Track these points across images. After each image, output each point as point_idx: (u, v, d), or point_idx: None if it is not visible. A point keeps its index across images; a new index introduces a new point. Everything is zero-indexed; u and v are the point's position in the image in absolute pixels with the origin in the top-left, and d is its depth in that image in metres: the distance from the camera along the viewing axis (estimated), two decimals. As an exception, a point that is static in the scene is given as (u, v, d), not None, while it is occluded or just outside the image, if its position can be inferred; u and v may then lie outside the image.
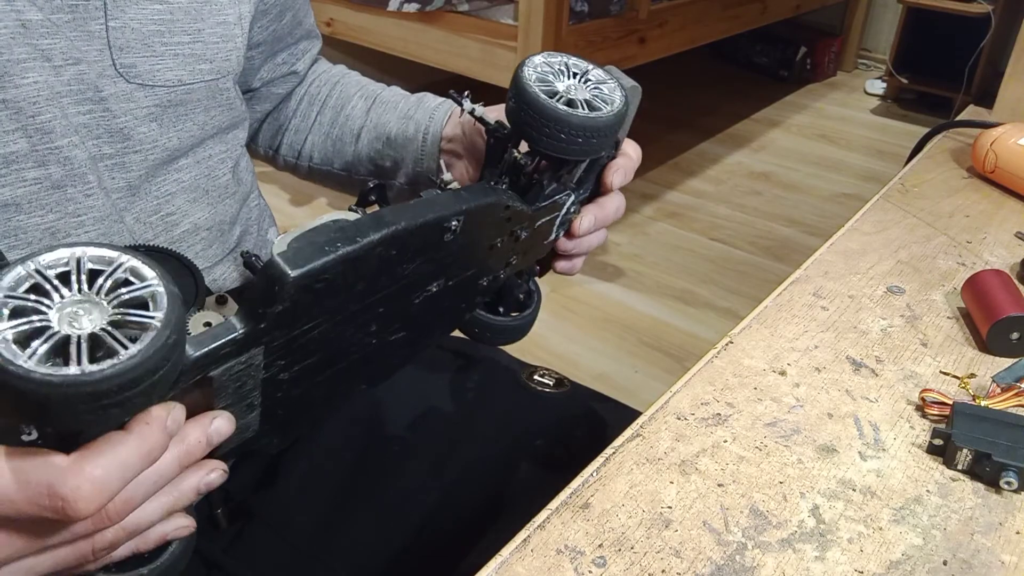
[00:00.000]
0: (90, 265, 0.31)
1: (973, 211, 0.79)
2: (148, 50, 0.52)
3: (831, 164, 2.93)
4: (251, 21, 0.62)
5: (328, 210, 0.50)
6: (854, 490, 0.46)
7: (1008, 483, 0.46)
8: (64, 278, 0.31)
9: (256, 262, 0.38)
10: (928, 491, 0.46)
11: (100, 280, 0.31)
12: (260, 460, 0.66)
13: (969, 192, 0.83)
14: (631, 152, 0.58)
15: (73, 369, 0.29)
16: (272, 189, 2.33)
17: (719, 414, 0.51)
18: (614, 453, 0.48)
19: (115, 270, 0.32)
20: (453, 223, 0.43)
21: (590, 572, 0.40)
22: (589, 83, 0.50)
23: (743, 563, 0.41)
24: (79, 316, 0.31)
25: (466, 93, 0.54)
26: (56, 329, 0.30)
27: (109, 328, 0.30)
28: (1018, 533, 0.44)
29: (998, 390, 0.52)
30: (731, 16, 2.66)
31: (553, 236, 0.55)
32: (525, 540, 0.42)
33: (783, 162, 2.93)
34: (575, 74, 0.51)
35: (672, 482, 0.46)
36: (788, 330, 0.59)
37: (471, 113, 0.54)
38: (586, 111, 0.48)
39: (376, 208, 0.43)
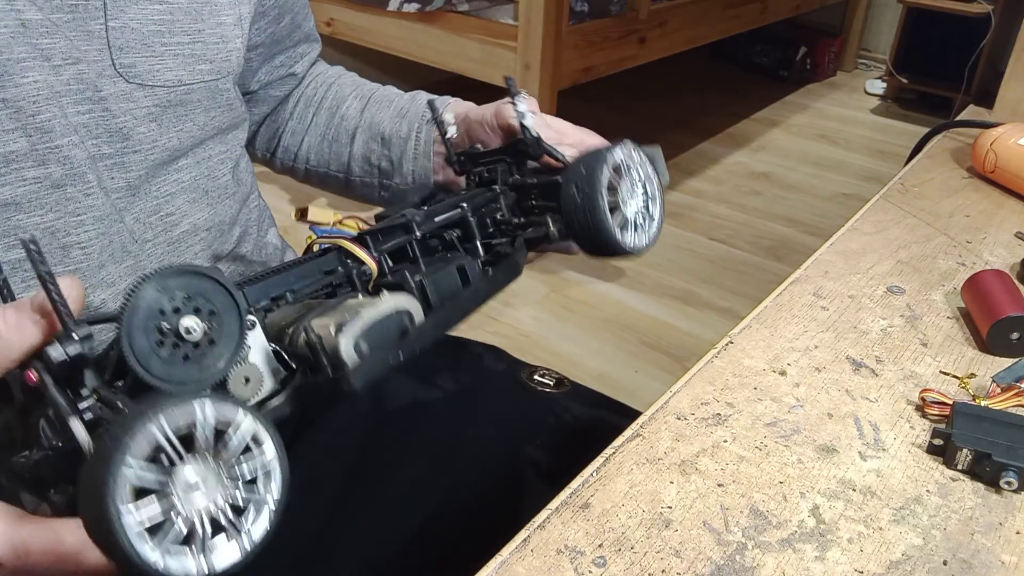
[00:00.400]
0: (213, 424, 0.30)
1: (973, 211, 0.79)
2: (148, 50, 0.52)
3: (831, 164, 2.93)
4: (250, 23, 0.62)
5: (329, 210, 0.50)
6: (854, 490, 0.46)
7: (1008, 483, 0.46)
8: (185, 439, 0.30)
9: (321, 354, 0.37)
10: (928, 491, 0.46)
11: (220, 446, 0.30)
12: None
13: (969, 192, 0.83)
14: None
15: (198, 566, 0.29)
16: (272, 189, 2.32)
17: (719, 414, 0.51)
18: (614, 453, 0.48)
19: (236, 432, 0.31)
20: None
21: (590, 572, 0.40)
22: (641, 184, 0.50)
23: (743, 563, 0.41)
24: (195, 491, 0.30)
25: (522, 92, 0.53)
26: (182, 519, 0.29)
27: (228, 513, 0.30)
28: (1018, 533, 0.44)
29: (998, 390, 0.52)
30: (731, 16, 2.66)
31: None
32: (525, 540, 0.42)
33: (783, 162, 2.93)
34: (628, 167, 0.49)
35: (672, 482, 0.46)
36: (788, 330, 0.59)
37: (521, 118, 0.53)
38: (626, 235, 0.48)
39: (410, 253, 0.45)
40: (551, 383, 0.73)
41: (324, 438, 0.67)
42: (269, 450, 0.31)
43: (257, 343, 0.37)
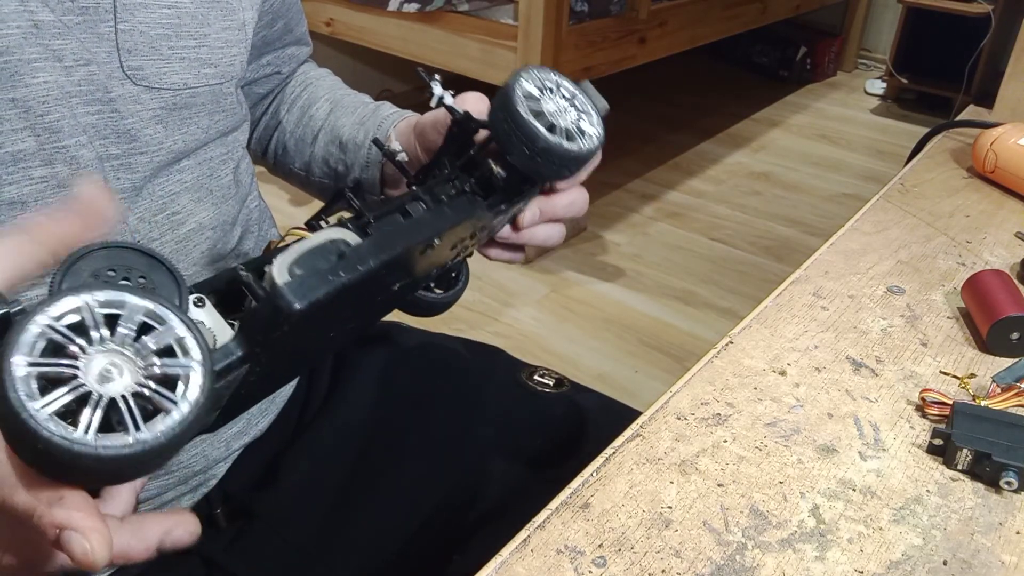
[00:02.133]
0: (101, 311, 0.30)
1: (973, 211, 0.79)
2: (155, 53, 0.53)
3: (831, 164, 2.93)
4: (253, 27, 0.62)
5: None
6: (854, 490, 0.46)
7: (1008, 483, 0.46)
8: (79, 329, 0.29)
9: (253, 283, 0.36)
10: (928, 491, 0.46)
11: (120, 328, 0.30)
12: (260, 460, 0.66)
13: (969, 192, 0.83)
14: None
15: (137, 436, 0.28)
16: (272, 189, 2.33)
17: (719, 414, 0.51)
18: (614, 453, 0.48)
19: (131, 314, 0.30)
20: (436, 240, 0.43)
21: (590, 572, 0.40)
22: (568, 102, 0.50)
23: (743, 563, 0.41)
24: (111, 372, 0.29)
25: (435, 76, 0.53)
26: (99, 394, 0.28)
27: (150, 383, 0.29)
28: (1018, 533, 0.44)
29: (998, 390, 0.52)
30: (731, 16, 2.66)
31: (500, 229, 0.56)
32: (525, 540, 0.42)
33: (783, 162, 2.93)
34: (550, 88, 0.50)
35: (672, 482, 0.46)
36: (788, 330, 0.59)
37: (440, 100, 0.53)
38: (570, 143, 0.48)
39: (351, 208, 0.43)
40: (551, 383, 0.73)
41: (324, 438, 0.67)
42: (171, 320, 0.30)
43: (212, 317, 0.36)
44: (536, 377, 0.73)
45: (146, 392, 0.29)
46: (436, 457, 0.67)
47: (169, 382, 0.30)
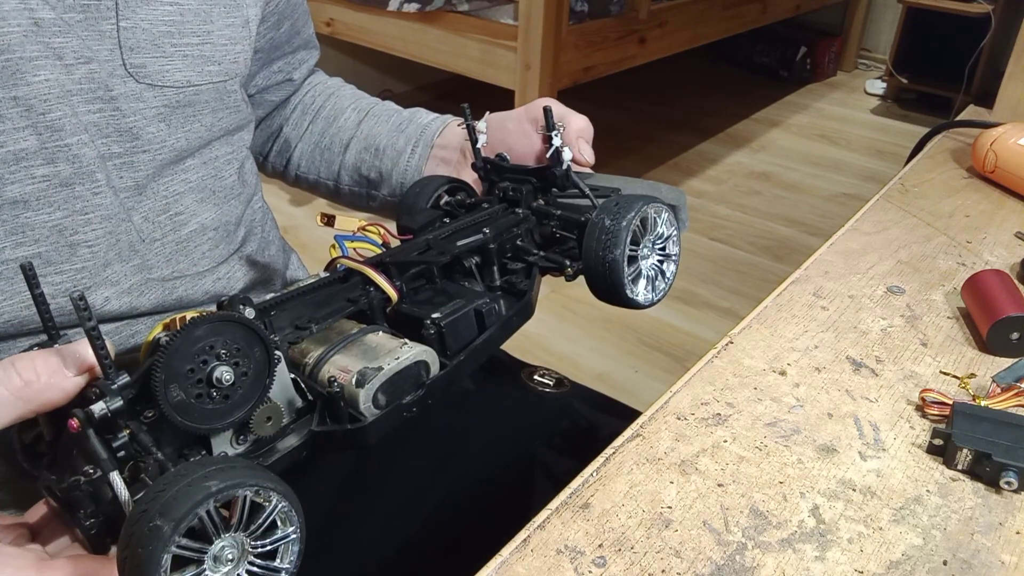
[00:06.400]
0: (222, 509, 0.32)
1: (973, 211, 0.79)
2: (158, 51, 0.53)
3: (831, 164, 2.93)
4: (257, 25, 0.62)
5: (354, 219, 0.50)
6: (854, 490, 0.46)
7: (1008, 483, 0.46)
8: (201, 530, 0.31)
9: (342, 411, 0.39)
10: (928, 491, 0.46)
11: (235, 518, 0.32)
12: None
13: (969, 192, 0.83)
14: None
15: None
16: (272, 190, 2.32)
17: (719, 414, 0.51)
18: (614, 453, 0.48)
19: (243, 502, 0.32)
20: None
21: (590, 572, 0.40)
22: (658, 243, 0.50)
23: (743, 563, 0.41)
24: (225, 552, 0.32)
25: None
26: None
27: (257, 561, 0.33)
28: (1018, 533, 0.44)
29: (998, 390, 0.52)
30: (731, 16, 2.66)
31: None
32: (525, 540, 0.42)
33: (783, 162, 2.93)
34: (654, 221, 0.49)
35: (672, 482, 0.46)
36: (788, 330, 0.59)
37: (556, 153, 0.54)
38: (638, 292, 0.49)
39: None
40: (551, 383, 0.73)
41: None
42: (274, 497, 0.33)
43: (280, 377, 0.38)
44: (536, 377, 0.73)
45: (256, 570, 0.33)
46: (436, 457, 0.67)
47: (272, 553, 0.33)
